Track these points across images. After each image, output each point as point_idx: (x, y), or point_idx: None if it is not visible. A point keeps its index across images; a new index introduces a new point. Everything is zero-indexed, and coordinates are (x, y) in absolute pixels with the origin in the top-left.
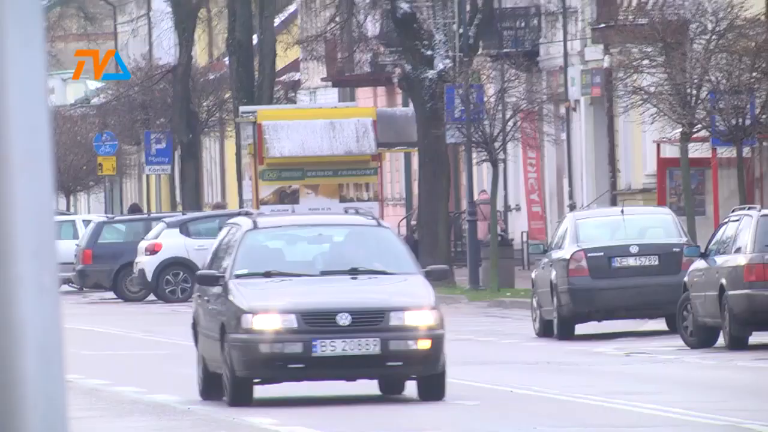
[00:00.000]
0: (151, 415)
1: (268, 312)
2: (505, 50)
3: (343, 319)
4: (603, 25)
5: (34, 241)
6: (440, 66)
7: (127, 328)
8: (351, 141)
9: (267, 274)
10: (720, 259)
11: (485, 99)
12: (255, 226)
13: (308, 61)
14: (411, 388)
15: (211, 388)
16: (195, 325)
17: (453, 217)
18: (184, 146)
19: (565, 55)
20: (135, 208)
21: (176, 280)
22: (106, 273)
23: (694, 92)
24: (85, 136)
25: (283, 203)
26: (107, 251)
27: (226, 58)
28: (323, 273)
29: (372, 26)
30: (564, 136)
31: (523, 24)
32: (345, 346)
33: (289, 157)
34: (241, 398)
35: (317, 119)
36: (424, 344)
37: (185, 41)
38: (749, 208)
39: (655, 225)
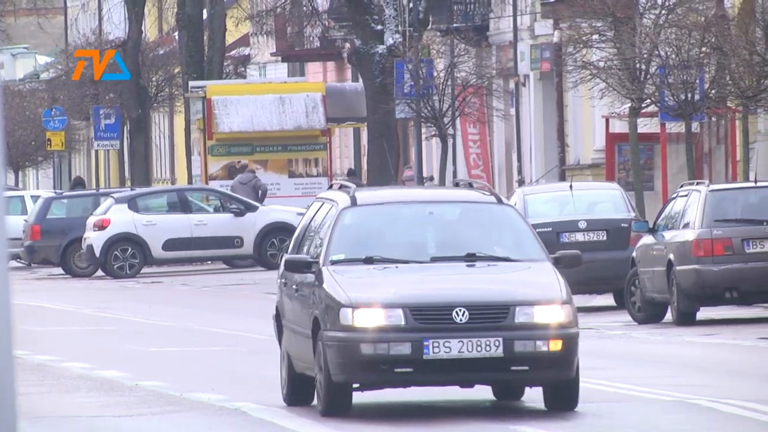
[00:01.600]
0: (98, 391)
1: (370, 306)
2: (454, 25)
3: (460, 315)
4: (552, 0)
5: None
6: (390, 41)
7: (75, 304)
8: (300, 116)
9: (368, 260)
10: (668, 235)
11: (435, 74)
12: (353, 203)
13: (258, 36)
14: (531, 392)
15: (299, 391)
16: (279, 317)
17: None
18: (133, 121)
19: (515, 30)
20: (78, 182)
21: (125, 256)
22: (55, 249)
23: (644, 67)
24: (34, 111)
25: (232, 179)
26: (55, 227)
27: (176, 33)
28: (434, 259)
29: (322, 1)
30: (513, 111)
31: None
32: (462, 347)
33: (238, 133)
34: (338, 406)
35: (267, 94)
36: (555, 345)
37: (135, 16)
38: (697, 184)
39: (604, 200)
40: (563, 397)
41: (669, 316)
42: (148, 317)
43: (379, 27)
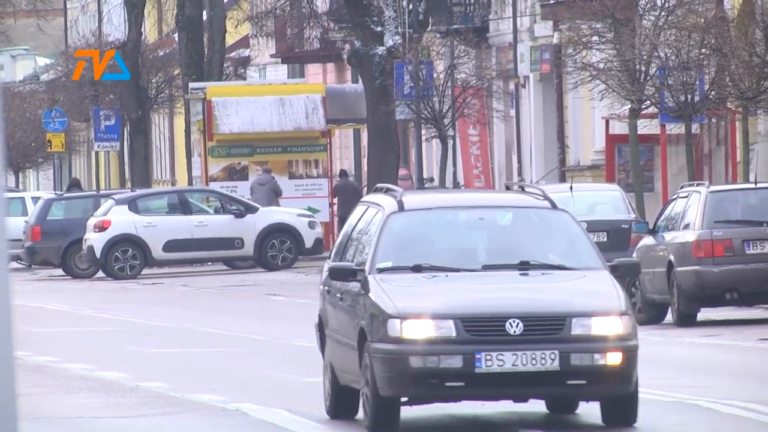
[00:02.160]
0: (99, 392)
1: (420, 317)
2: (454, 26)
3: (514, 327)
4: (552, 2)
5: None
6: (390, 42)
7: (76, 305)
8: (300, 117)
9: (416, 268)
10: (668, 236)
11: (435, 75)
12: (401, 208)
13: (258, 37)
14: (588, 405)
15: (343, 405)
16: (321, 327)
17: None
18: (133, 123)
19: (515, 31)
20: (74, 183)
21: (125, 257)
22: (55, 250)
23: (643, 68)
24: (34, 113)
25: (233, 180)
26: (56, 228)
27: (176, 35)
28: (486, 267)
29: (322, 2)
30: (513, 112)
31: (472, 0)
32: (516, 360)
33: (238, 134)
34: (385, 421)
35: (267, 96)
36: (614, 358)
37: (135, 17)
38: (698, 185)
39: (604, 201)
40: (621, 412)
41: (669, 317)
42: (148, 318)
43: (379, 28)
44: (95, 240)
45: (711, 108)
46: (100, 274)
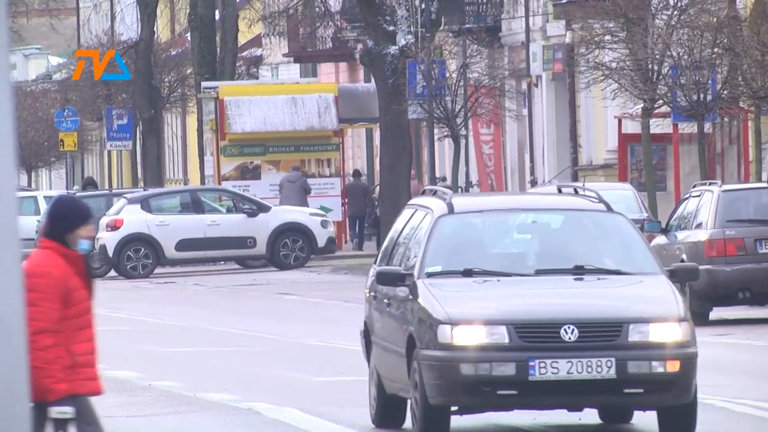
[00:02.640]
0: (112, 391)
1: (471, 323)
2: (467, 26)
3: (569, 334)
4: (565, 1)
5: None
6: (402, 41)
7: None
8: (313, 117)
9: (467, 273)
10: (681, 235)
11: (447, 75)
12: (450, 210)
13: (270, 37)
14: (643, 415)
15: (390, 413)
16: (367, 333)
17: (413, 193)
18: (146, 122)
19: (527, 30)
20: (89, 182)
21: (137, 256)
22: None
23: (656, 68)
24: (46, 112)
25: (245, 179)
26: None
27: (188, 34)
28: (539, 272)
29: (334, 1)
30: (525, 111)
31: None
32: (571, 367)
33: (250, 133)
34: (434, 431)
35: (279, 95)
36: (673, 366)
37: (147, 16)
38: (710, 184)
39: (616, 200)
40: (680, 422)
41: None
42: (160, 317)
43: (392, 28)
44: (108, 239)
45: (723, 107)
46: (113, 273)
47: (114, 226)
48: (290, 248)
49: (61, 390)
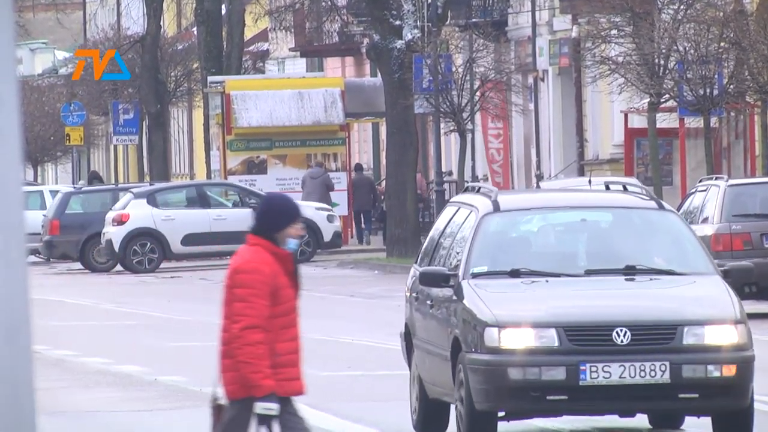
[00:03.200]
0: (117, 385)
1: (519, 325)
2: (473, 20)
3: (621, 336)
4: None
5: (2, 212)
6: (408, 36)
7: (94, 299)
8: (319, 111)
9: (514, 273)
10: None
11: (453, 69)
12: (496, 208)
13: (276, 31)
14: (695, 420)
15: (432, 419)
16: (408, 336)
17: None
18: (152, 116)
19: (534, 25)
20: (95, 176)
21: (143, 251)
22: (74, 244)
23: (662, 62)
24: (52, 107)
25: (251, 173)
26: (74, 222)
27: (195, 28)
28: (589, 272)
29: None
30: (532, 106)
31: None
32: (623, 371)
33: (257, 128)
34: None
35: (285, 89)
36: (729, 370)
37: (153, 11)
38: (716, 178)
39: None
40: (735, 428)
41: None
42: (166, 312)
43: (398, 22)
44: (114, 234)
45: (730, 102)
46: (119, 267)
47: (120, 221)
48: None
49: (269, 386)
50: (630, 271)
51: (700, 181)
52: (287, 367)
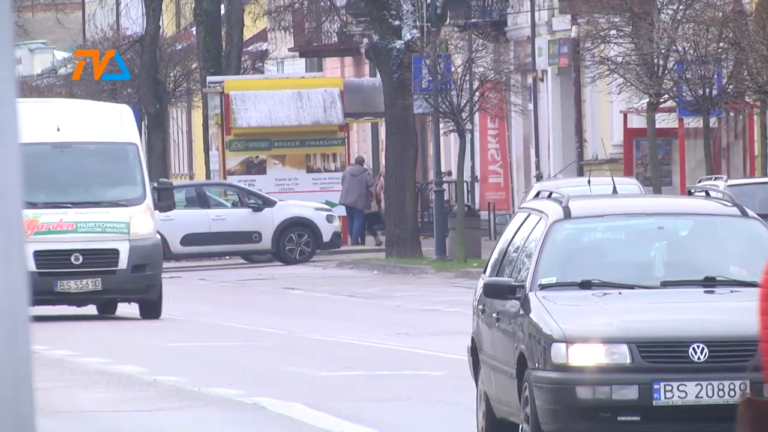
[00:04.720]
0: (117, 386)
1: (589, 341)
2: (472, 20)
3: (698, 353)
4: None
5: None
6: (408, 36)
7: None
8: (318, 111)
9: (585, 285)
10: None
11: (453, 69)
12: (567, 215)
13: (275, 31)
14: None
15: None
16: (475, 350)
17: (420, 188)
18: (151, 117)
19: (533, 25)
20: None
21: None
22: None
23: (661, 62)
24: None
25: (250, 174)
26: None
27: (194, 28)
28: (665, 284)
29: None
30: (531, 106)
31: None
32: (700, 391)
33: (256, 128)
34: None
35: (285, 89)
36: None
37: (152, 11)
38: (716, 179)
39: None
40: None
41: None
42: (166, 312)
43: (397, 22)
44: None
45: (729, 102)
46: None
47: None
48: (295, 243)
49: None
50: (710, 283)
51: (700, 181)
52: None
